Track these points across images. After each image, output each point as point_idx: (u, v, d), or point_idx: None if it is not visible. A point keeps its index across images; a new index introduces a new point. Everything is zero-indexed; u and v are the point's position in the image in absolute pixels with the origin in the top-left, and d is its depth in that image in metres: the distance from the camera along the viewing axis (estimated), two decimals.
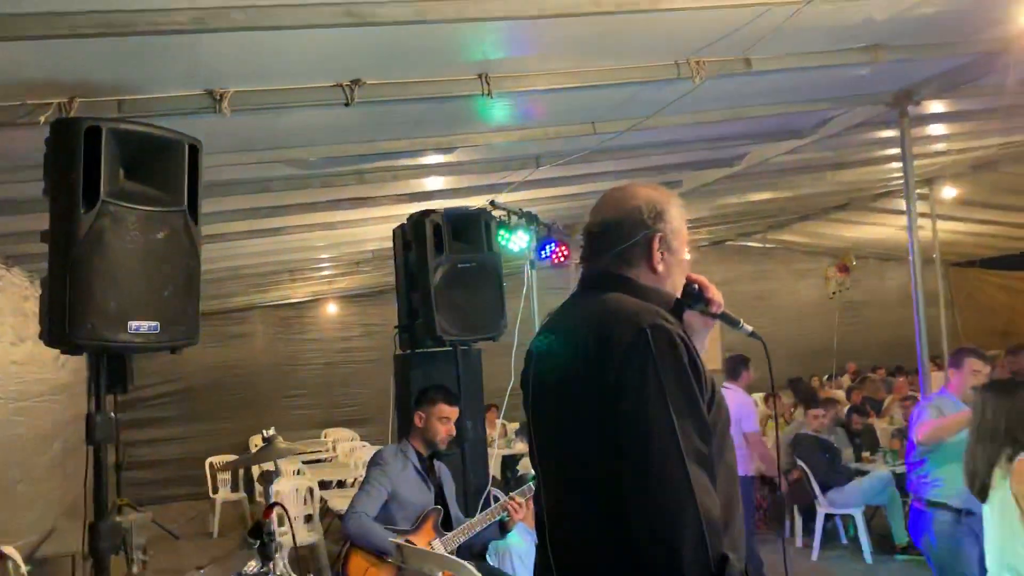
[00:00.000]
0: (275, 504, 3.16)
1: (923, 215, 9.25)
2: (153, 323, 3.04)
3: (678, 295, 1.90)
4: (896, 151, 6.16)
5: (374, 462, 4.16)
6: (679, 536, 1.52)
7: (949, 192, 9.05)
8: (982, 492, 3.41)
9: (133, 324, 2.97)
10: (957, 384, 4.48)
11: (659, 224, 1.86)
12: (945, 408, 4.35)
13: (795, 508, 7.80)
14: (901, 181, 6.05)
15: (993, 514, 3.38)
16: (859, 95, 5.11)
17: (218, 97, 3.46)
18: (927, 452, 4.36)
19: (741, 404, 6.07)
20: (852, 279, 12.65)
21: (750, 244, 13.63)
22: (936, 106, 5.65)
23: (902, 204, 8.90)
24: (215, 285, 9.30)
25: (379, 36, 3.23)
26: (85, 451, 3.06)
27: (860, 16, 3.71)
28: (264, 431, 3.44)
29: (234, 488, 10.36)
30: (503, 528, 4.18)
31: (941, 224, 9.91)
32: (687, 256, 1.93)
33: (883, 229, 11.78)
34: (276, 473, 3.24)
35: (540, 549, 1.86)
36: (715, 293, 1.95)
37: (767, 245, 13.72)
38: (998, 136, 7.03)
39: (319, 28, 2.92)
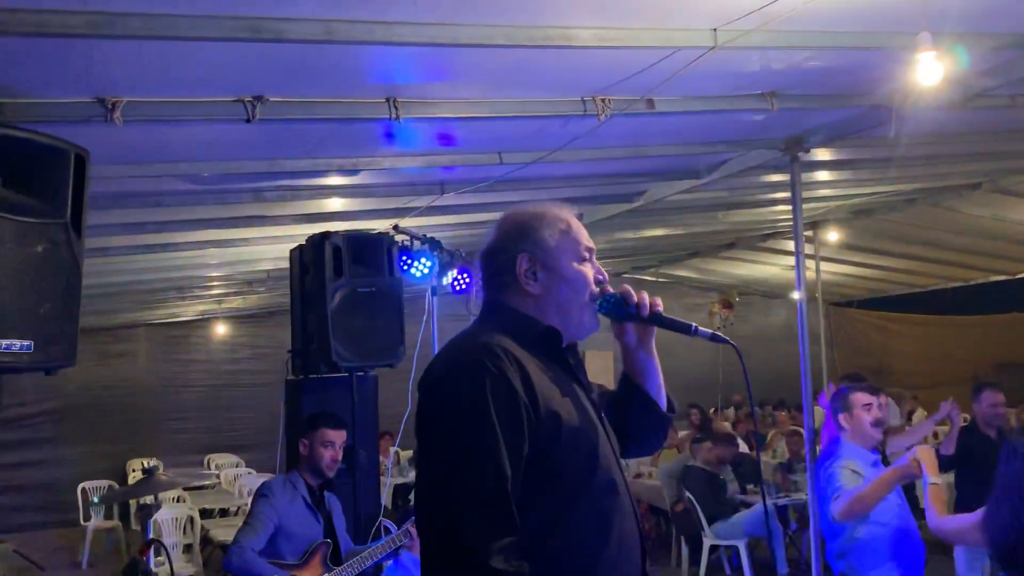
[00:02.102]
0: (153, 541, 2.97)
1: (808, 256, 9.71)
2: (26, 342, 2.84)
3: (575, 314, 1.78)
4: (785, 194, 6.44)
5: (260, 493, 4.00)
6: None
7: (832, 235, 9.52)
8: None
9: (3, 343, 2.77)
10: (855, 428, 3.64)
11: (522, 244, 1.78)
12: (859, 467, 3.53)
13: (682, 539, 7.95)
14: (788, 223, 6.37)
15: None
16: (754, 139, 5.31)
17: (110, 106, 3.29)
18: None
19: None
20: (739, 315, 13.11)
21: (644, 277, 13.96)
22: (824, 153, 5.93)
23: (788, 245, 9.35)
24: (97, 300, 8.83)
25: (285, 53, 3.15)
26: None
27: (758, 65, 3.87)
28: (145, 461, 3.25)
29: (108, 516, 9.79)
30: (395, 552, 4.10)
31: (824, 265, 10.42)
32: (581, 269, 1.79)
33: (769, 268, 12.28)
34: (156, 507, 3.04)
35: None
36: (644, 298, 1.82)
37: (660, 279, 14.08)
38: (877, 185, 7.46)
39: (221, 41, 2.82)
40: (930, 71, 2.91)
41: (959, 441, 5.25)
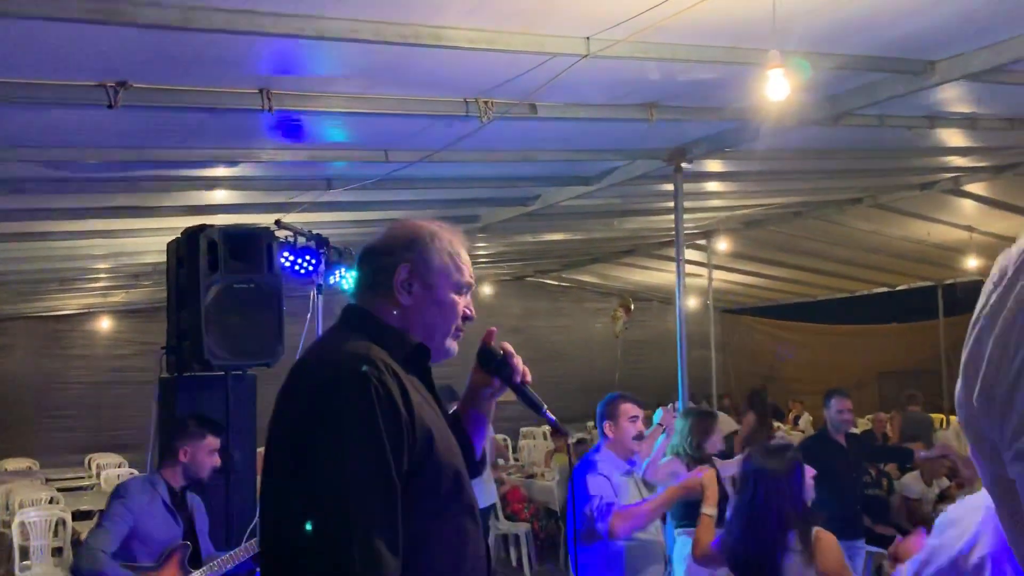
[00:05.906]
0: None
1: (701, 264, 9.97)
2: None
3: (438, 339, 1.78)
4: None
5: (115, 495, 3.85)
6: None
7: (723, 245, 9.80)
8: None
9: None
10: (617, 437, 3.65)
11: (408, 254, 1.75)
12: (613, 475, 3.56)
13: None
14: None
15: None
16: (639, 149, 5.42)
17: None
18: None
19: None
20: (637, 320, 13.34)
21: (547, 281, 14.09)
22: (713, 165, 6.09)
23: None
24: None
25: (146, 38, 3.04)
26: None
27: (634, 75, 3.94)
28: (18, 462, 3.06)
29: None
30: None
31: (716, 273, 10.71)
32: (455, 299, 1.78)
33: (666, 275, 12.53)
34: None
35: None
36: (519, 365, 1.85)
37: (563, 283, 14.23)
38: (763, 197, 7.71)
39: (68, 22, 2.69)
40: (779, 86, 3.01)
41: (808, 447, 5.34)
